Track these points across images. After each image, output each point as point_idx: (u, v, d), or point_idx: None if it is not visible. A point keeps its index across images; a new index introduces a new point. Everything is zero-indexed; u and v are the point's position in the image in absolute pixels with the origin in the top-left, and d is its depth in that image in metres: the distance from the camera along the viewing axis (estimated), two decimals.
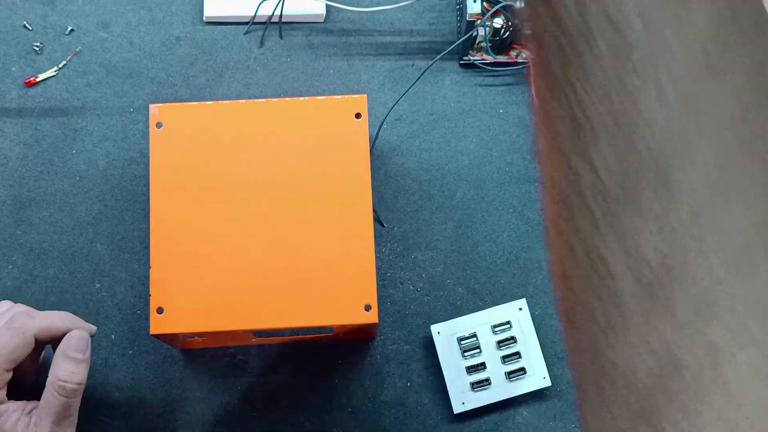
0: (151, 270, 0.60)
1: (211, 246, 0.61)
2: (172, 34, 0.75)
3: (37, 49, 0.74)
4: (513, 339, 0.66)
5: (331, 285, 0.60)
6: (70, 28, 0.74)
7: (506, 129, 0.73)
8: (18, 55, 0.74)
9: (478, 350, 0.66)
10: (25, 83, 0.73)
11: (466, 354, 0.66)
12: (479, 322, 0.67)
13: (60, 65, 0.74)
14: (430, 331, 0.69)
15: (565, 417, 0.68)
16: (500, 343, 0.66)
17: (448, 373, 0.65)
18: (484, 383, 0.66)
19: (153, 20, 0.75)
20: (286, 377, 0.69)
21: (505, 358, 0.66)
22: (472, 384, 0.66)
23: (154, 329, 0.60)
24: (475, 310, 0.70)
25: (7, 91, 0.73)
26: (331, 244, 0.61)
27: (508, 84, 0.74)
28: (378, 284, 0.69)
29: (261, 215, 0.62)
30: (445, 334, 0.66)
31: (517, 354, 0.66)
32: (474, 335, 0.66)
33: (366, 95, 0.64)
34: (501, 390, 0.66)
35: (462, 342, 0.66)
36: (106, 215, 0.71)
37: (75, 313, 0.69)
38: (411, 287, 0.70)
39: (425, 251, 0.71)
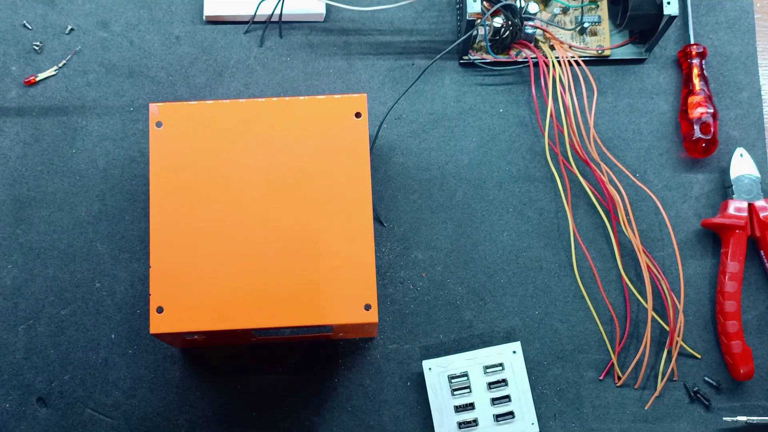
0: (151, 269, 0.60)
1: (211, 245, 0.61)
2: (172, 34, 0.75)
3: (36, 48, 0.74)
4: (504, 382, 0.66)
5: (331, 284, 0.60)
6: (69, 28, 0.74)
7: (506, 129, 0.73)
8: (18, 54, 0.74)
9: (468, 390, 0.66)
10: (25, 82, 0.73)
11: (455, 393, 0.66)
12: (472, 362, 0.66)
13: (60, 64, 0.74)
14: (430, 333, 0.69)
15: None
16: (491, 385, 0.66)
17: (435, 409, 0.65)
18: (471, 424, 0.65)
19: (153, 20, 0.75)
20: (286, 377, 0.69)
21: (495, 401, 0.66)
22: (459, 423, 0.65)
23: (154, 328, 0.60)
24: (475, 309, 0.70)
25: (7, 91, 0.73)
26: (331, 244, 0.61)
27: (508, 83, 0.74)
28: (378, 284, 0.69)
29: (261, 214, 0.62)
30: (436, 370, 0.66)
31: (507, 397, 0.66)
32: (465, 374, 0.66)
33: (366, 94, 0.64)
34: None
35: (453, 380, 0.66)
36: (106, 215, 0.71)
37: (75, 312, 0.69)
38: (411, 287, 0.70)
39: (425, 251, 0.71)
